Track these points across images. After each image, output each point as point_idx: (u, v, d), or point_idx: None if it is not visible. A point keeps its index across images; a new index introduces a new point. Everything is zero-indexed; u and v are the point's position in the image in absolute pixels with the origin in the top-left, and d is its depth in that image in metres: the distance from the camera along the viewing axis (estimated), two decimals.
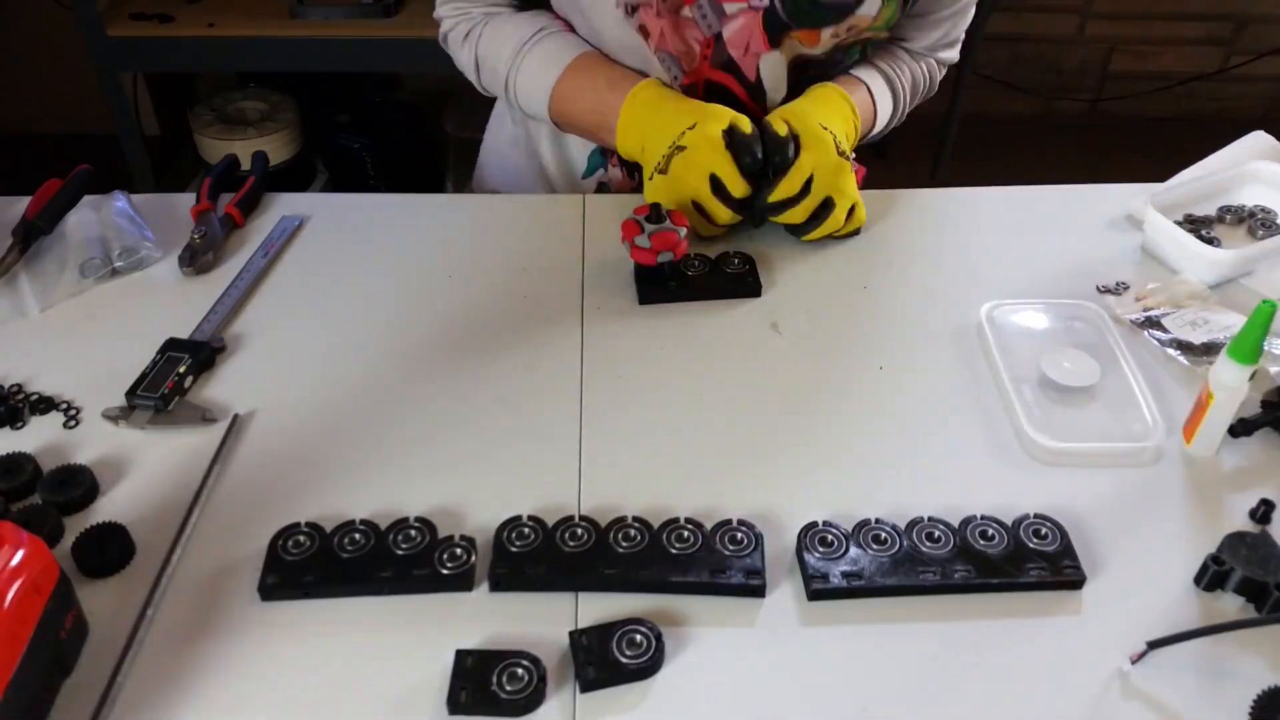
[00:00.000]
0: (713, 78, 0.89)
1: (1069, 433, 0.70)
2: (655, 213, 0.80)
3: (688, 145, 0.81)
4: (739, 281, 0.82)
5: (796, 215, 0.83)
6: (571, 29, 0.92)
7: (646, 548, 0.61)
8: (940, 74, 1.01)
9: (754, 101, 0.91)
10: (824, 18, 0.86)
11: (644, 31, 0.86)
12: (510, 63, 0.91)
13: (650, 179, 0.84)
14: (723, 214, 0.83)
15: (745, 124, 0.82)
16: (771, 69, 0.89)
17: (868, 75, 0.94)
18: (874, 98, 0.93)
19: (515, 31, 0.91)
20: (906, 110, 0.99)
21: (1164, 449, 0.70)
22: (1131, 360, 0.75)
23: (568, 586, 0.60)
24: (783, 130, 0.83)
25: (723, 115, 0.83)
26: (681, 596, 0.60)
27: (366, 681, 0.56)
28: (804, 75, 0.92)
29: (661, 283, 0.81)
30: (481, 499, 0.65)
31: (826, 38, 0.88)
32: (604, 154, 0.97)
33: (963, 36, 1.00)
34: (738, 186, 0.82)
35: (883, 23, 0.89)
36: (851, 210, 0.85)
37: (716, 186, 0.82)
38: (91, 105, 1.94)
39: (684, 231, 0.79)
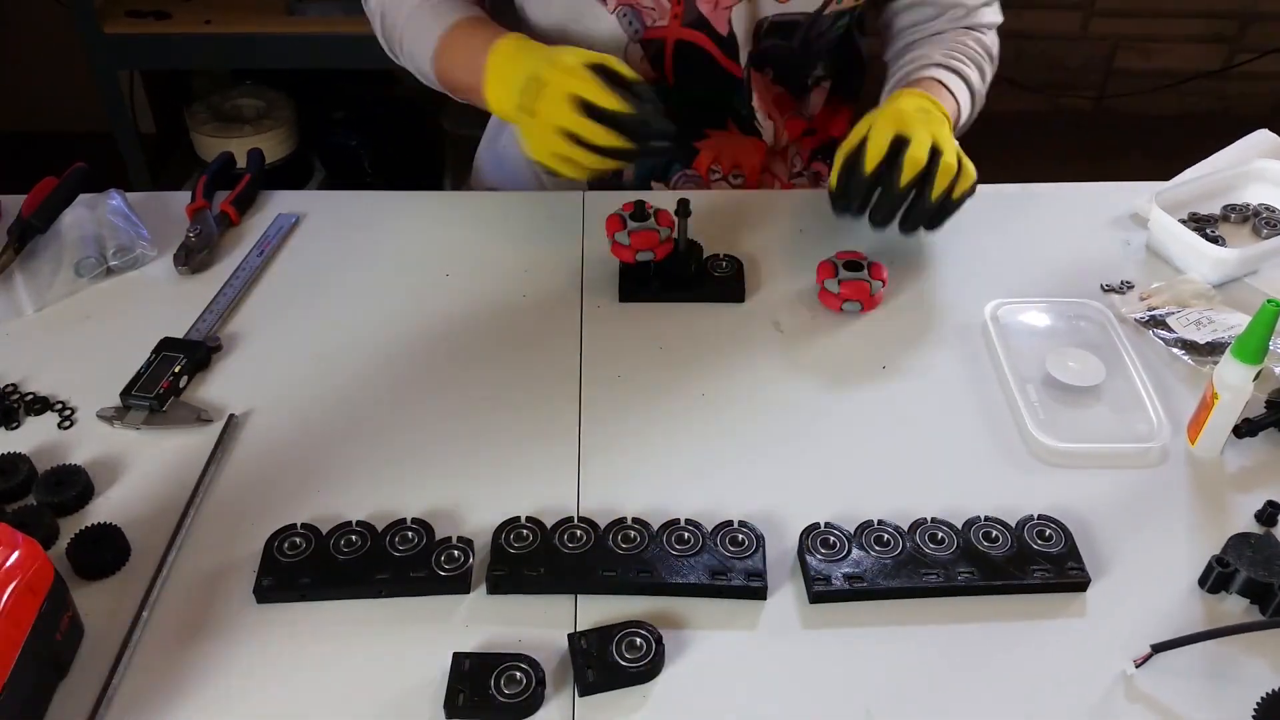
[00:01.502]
0: (684, 36, 0.88)
1: (1074, 433, 0.69)
2: (639, 210, 0.79)
3: (547, 78, 0.75)
4: (723, 285, 0.80)
5: (916, 156, 0.75)
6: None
7: (646, 549, 0.61)
8: (994, 43, 0.94)
9: (727, 57, 0.90)
10: None
11: None
12: (407, 13, 0.87)
13: (524, 130, 0.77)
14: (599, 135, 0.73)
15: (613, 62, 0.76)
16: (742, 19, 0.88)
17: (937, 72, 0.88)
18: (953, 94, 0.87)
19: None
20: (984, 96, 0.93)
21: (1169, 450, 0.69)
22: (1137, 360, 0.74)
23: (567, 589, 0.60)
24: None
25: (583, 52, 0.77)
26: (682, 599, 0.60)
27: (363, 684, 0.56)
28: (795, 52, 0.90)
29: (644, 282, 0.80)
30: (479, 500, 0.65)
31: None
32: None
33: None
34: (609, 99, 0.73)
35: None
36: (960, 165, 0.78)
37: (591, 113, 0.74)
38: (87, 103, 1.93)
39: (666, 232, 0.78)
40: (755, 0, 0.87)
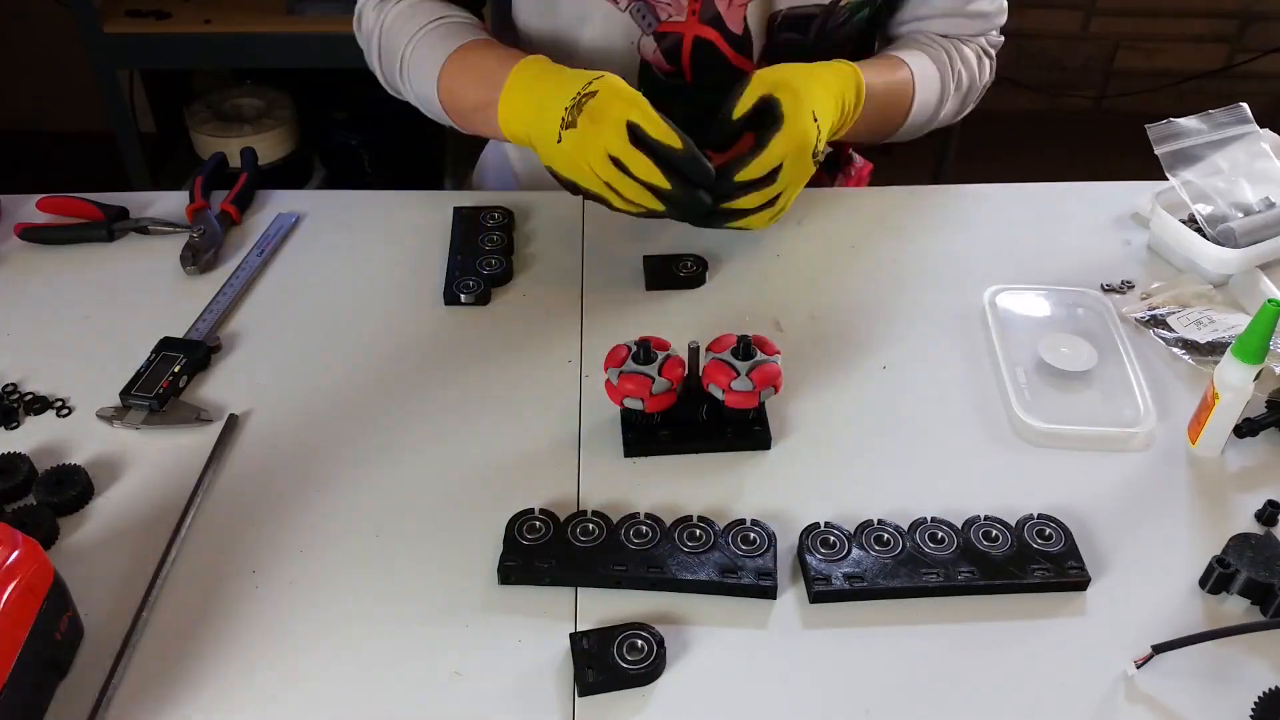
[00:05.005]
0: (701, 33, 0.87)
1: (1058, 415, 0.70)
2: (643, 350, 0.67)
3: (599, 90, 0.71)
4: (745, 432, 0.69)
5: (750, 201, 0.75)
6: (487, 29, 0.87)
7: (658, 545, 0.61)
8: (979, 67, 0.94)
9: (740, 55, 0.88)
10: None
11: None
12: (411, 37, 0.86)
13: (558, 142, 0.72)
14: (643, 167, 0.71)
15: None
16: (756, 16, 0.87)
17: (911, 56, 0.88)
18: (914, 78, 0.87)
19: (425, 12, 0.86)
20: (953, 107, 0.92)
21: (1154, 436, 0.69)
22: (1130, 349, 0.75)
23: (577, 582, 0.60)
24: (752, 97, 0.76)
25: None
26: (687, 596, 0.60)
27: (366, 682, 0.56)
28: (811, 47, 0.88)
29: (650, 432, 0.68)
30: (484, 496, 0.65)
31: None
32: None
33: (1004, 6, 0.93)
34: (665, 131, 0.71)
35: None
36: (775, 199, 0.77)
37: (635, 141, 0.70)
38: (87, 103, 1.93)
39: (665, 384, 0.66)
40: None
